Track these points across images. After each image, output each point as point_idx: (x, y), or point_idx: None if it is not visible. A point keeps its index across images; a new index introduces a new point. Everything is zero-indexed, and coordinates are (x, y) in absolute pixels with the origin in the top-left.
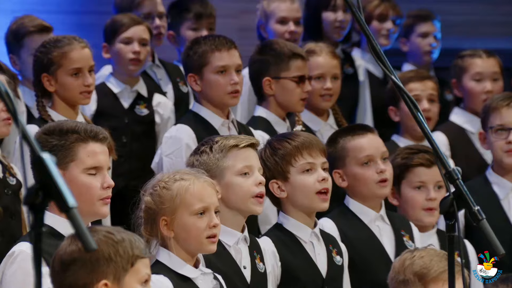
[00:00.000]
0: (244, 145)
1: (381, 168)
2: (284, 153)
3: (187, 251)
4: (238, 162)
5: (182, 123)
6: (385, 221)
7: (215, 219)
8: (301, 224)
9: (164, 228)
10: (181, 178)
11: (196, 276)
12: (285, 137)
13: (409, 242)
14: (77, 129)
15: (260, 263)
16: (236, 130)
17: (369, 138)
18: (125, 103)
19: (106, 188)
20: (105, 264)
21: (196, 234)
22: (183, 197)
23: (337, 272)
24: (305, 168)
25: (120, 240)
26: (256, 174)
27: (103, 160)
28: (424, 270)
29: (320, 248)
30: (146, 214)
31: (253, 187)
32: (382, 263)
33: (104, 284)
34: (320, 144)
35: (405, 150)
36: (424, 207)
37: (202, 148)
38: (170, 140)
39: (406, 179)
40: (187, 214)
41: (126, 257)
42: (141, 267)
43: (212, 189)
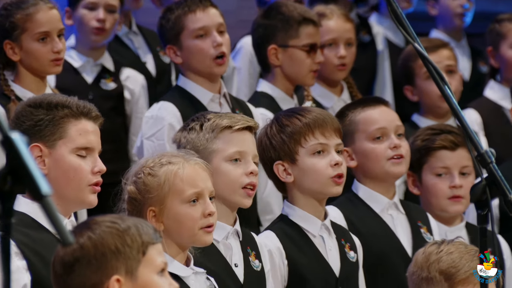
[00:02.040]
0: (239, 127)
1: (395, 142)
2: (293, 131)
3: (179, 244)
4: (230, 146)
5: (165, 100)
6: (399, 210)
7: (210, 207)
8: (309, 215)
9: (152, 220)
10: (168, 162)
11: (188, 275)
12: (296, 112)
13: (427, 234)
14: (69, 104)
15: (255, 260)
16: (229, 106)
17: (382, 110)
18: (88, 77)
19: (96, 172)
20: (113, 258)
21: (189, 225)
22: (172, 183)
23: (351, 270)
24: (316, 149)
25: (125, 228)
26: (249, 162)
27: (95, 140)
28: (452, 269)
29: (332, 242)
30: (130, 206)
31: (242, 177)
32: (397, 257)
33: (116, 280)
34: (335, 123)
35: (426, 131)
36: (448, 195)
37: (192, 124)
38: (151, 120)
39: (427, 164)
40: (178, 203)
41: (135, 246)
42: (154, 254)
43: (205, 172)
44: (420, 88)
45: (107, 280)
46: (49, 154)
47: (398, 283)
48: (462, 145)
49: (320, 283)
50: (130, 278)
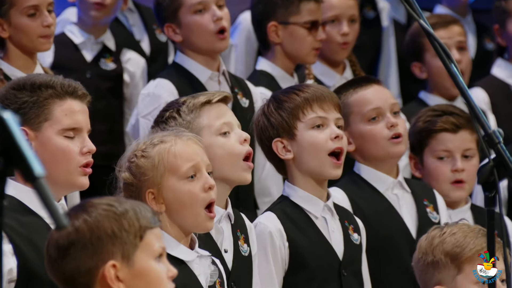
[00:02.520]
0: (217, 100)
1: (391, 121)
2: (292, 106)
3: (182, 227)
4: (215, 120)
5: (162, 77)
6: (404, 189)
7: (209, 180)
8: (311, 196)
9: (152, 203)
10: (160, 141)
11: (192, 259)
12: (293, 88)
13: (433, 213)
14: (52, 84)
15: (243, 244)
16: (228, 84)
17: (374, 89)
18: (87, 55)
19: (86, 153)
20: (109, 242)
21: (190, 201)
22: (167, 161)
23: (355, 253)
24: (315, 123)
25: (123, 212)
26: (237, 130)
27: (82, 120)
28: (457, 249)
29: (335, 224)
30: (127, 193)
31: (239, 147)
32: (402, 238)
33: (112, 266)
34: (334, 98)
35: (427, 112)
36: (450, 179)
37: (166, 114)
38: (147, 97)
39: (429, 147)
40: (175, 180)
41: (133, 231)
42: (152, 239)
43: (199, 146)
44: (429, 65)
45: (103, 265)
46: (36, 138)
47: (402, 265)
48: (465, 127)
49: (323, 266)
50: (127, 264)
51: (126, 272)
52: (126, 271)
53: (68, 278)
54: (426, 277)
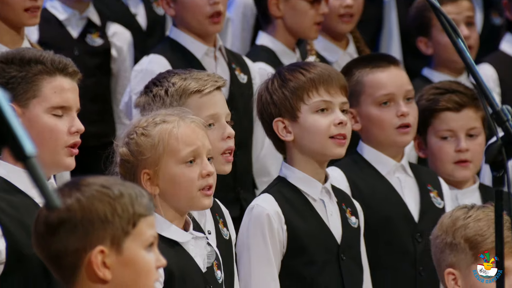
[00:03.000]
0: (209, 90)
1: (402, 110)
2: (296, 86)
3: (176, 209)
4: (202, 111)
5: (156, 53)
6: (407, 173)
7: (209, 166)
8: (309, 177)
9: (147, 184)
10: (162, 121)
11: (187, 241)
12: (300, 66)
13: (437, 199)
14: (42, 59)
15: (223, 228)
16: (225, 60)
17: (391, 72)
18: (73, 31)
19: (74, 133)
20: (100, 226)
21: (186, 186)
22: (167, 143)
23: (353, 237)
24: (319, 107)
25: (118, 195)
26: (223, 124)
27: (72, 99)
28: (478, 237)
29: (333, 207)
30: (123, 169)
31: (220, 143)
32: (403, 222)
33: (100, 251)
34: (341, 80)
35: (430, 91)
36: (454, 159)
37: (155, 89)
38: (140, 74)
39: (432, 127)
40: (173, 163)
41: (126, 217)
42: (145, 227)
43: (202, 131)
44: (436, 40)
45: (91, 249)
46: (23, 114)
47: (402, 248)
48: (469, 105)
49: (321, 250)
50: (115, 250)
51: (113, 259)
52: (113, 258)
53: (54, 256)
54: (441, 256)
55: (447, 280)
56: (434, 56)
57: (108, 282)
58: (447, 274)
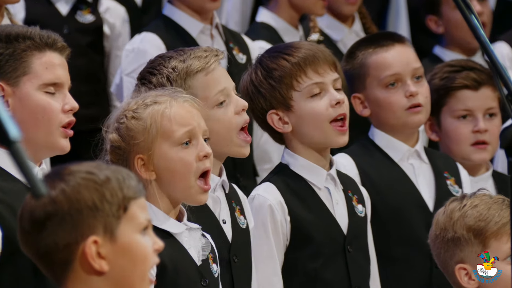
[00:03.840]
0: (214, 66)
1: (410, 90)
2: (282, 74)
3: (171, 198)
4: (210, 90)
5: (148, 31)
6: (421, 159)
7: (206, 147)
8: (313, 164)
9: (142, 170)
10: (153, 102)
11: (180, 232)
12: (280, 52)
13: (454, 186)
14: (30, 34)
15: (240, 216)
16: (222, 39)
17: (396, 51)
18: (62, 8)
19: (68, 111)
20: (90, 215)
21: (183, 171)
22: (160, 125)
23: (360, 227)
24: (313, 91)
25: (104, 180)
26: (234, 98)
27: (63, 75)
28: (481, 223)
29: (338, 195)
30: (114, 156)
31: (235, 118)
32: (416, 211)
33: (93, 242)
34: (327, 55)
35: (445, 68)
36: (471, 141)
37: (154, 79)
38: (132, 53)
39: (447, 106)
40: (168, 146)
41: (116, 202)
42: (137, 210)
43: (196, 110)
44: (447, 18)
45: (83, 240)
46: (13, 94)
47: (416, 241)
48: (487, 83)
49: (327, 241)
50: (109, 239)
51: (108, 248)
52: (108, 247)
53: (43, 253)
54: (446, 255)
55: (460, 277)
56: (445, 35)
57: (105, 273)
58: (458, 270)
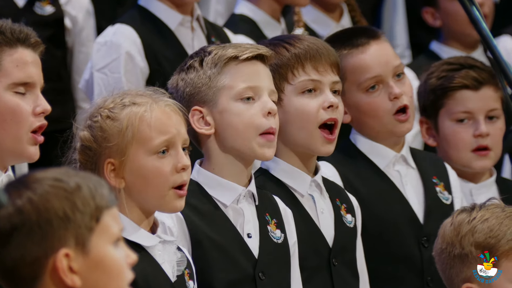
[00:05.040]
0: (247, 56)
1: (394, 92)
2: (279, 63)
3: (143, 208)
4: (239, 81)
5: (122, 23)
6: (409, 164)
7: (184, 159)
8: (296, 169)
9: (110, 176)
10: (132, 103)
11: (153, 245)
12: (283, 40)
13: (443, 193)
14: (1, 28)
15: (275, 230)
16: (204, 32)
17: (373, 50)
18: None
19: (39, 114)
20: (60, 226)
21: (157, 182)
22: (137, 130)
23: (348, 238)
24: (306, 87)
25: (75, 188)
26: (265, 99)
27: (35, 74)
28: (491, 240)
29: (324, 204)
30: (83, 157)
31: (259, 118)
32: (406, 223)
33: (65, 255)
34: (332, 55)
35: (442, 66)
36: (472, 146)
37: (190, 62)
38: (104, 47)
39: (445, 108)
40: (143, 154)
41: (88, 211)
42: (109, 221)
43: (178, 116)
44: (445, 10)
45: (53, 253)
46: None
47: (406, 256)
48: (488, 82)
49: (310, 255)
50: (81, 251)
51: (81, 261)
52: (81, 261)
53: (9, 269)
54: (452, 272)
55: None
56: (443, 29)
57: None
58: None
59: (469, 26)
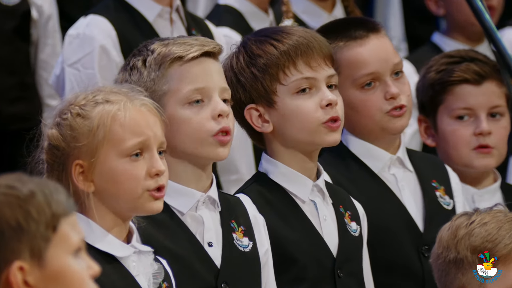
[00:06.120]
0: (194, 55)
1: (391, 92)
2: (268, 63)
3: (116, 212)
4: (185, 84)
5: (96, 14)
6: (405, 167)
7: (158, 163)
8: (296, 173)
9: (79, 179)
10: (105, 100)
11: (127, 256)
12: (269, 36)
13: (444, 198)
14: None
15: (242, 238)
16: (184, 24)
17: (373, 44)
18: None
19: None
20: (13, 237)
21: (129, 186)
22: (109, 130)
23: (353, 248)
24: (300, 86)
25: (28, 195)
26: (214, 100)
27: None
28: (488, 244)
29: (327, 210)
30: (50, 157)
31: (209, 123)
32: (404, 231)
33: (19, 268)
34: (324, 47)
35: (442, 60)
36: (473, 145)
37: (132, 61)
38: (76, 40)
39: (444, 105)
40: (115, 156)
41: (43, 220)
42: (68, 229)
43: (154, 116)
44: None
45: (6, 267)
46: None
47: (405, 267)
48: (491, 77)
49: (312, 265)
50: (38, 264)
51: (37, 274)
52: (37, 273)
53: None
54: (447, 280)
55: None
56: (446, 18)
57: None
58: None
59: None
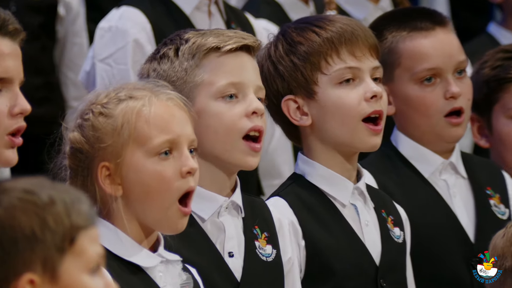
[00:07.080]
0: (231, 48)
1: (452, 91)
2: (309, 51)
3: (142, 221)
4: (220, 77)
5: (129, 5)
6: (458, 173)
7: (190, 161)
8: (336, 174)
9: (105, 182)
10: (128, 97)
11: (153, 266)
12: (311, 23)
13: (499, 207)
14: None
15: (265, 246)
16: (223, 18)
17: (438, 38)
18: None
19: (17, 114)
20: (26, 246)
21: (159, 188)
22: (134, 127)
23: (397, 255)
24: (343, 76)
25: (47, 203)
26: (249, 97)
27: (13, 67)
28: None
29: (369, 215)
30: (74, 162)
31: (242, 120)
32: (455, 243)
33: (29, 281)
34: (369, 37)
35: (498, 54)
36: None
37: (163, 49)
38: (108, 33)
39: (500, 104)
40: (142, 155)
41: (60, 231)
42: (86, 243)
43: (183, 112)
44: None
45: (15, 279)
46: None
47: (454, 279)
48: None
49: (353, 273)
50: (50, 278)
51: None
52: None
53: None
54: None
55: None
56: (503, 7)
57: None
58: None
59: None
